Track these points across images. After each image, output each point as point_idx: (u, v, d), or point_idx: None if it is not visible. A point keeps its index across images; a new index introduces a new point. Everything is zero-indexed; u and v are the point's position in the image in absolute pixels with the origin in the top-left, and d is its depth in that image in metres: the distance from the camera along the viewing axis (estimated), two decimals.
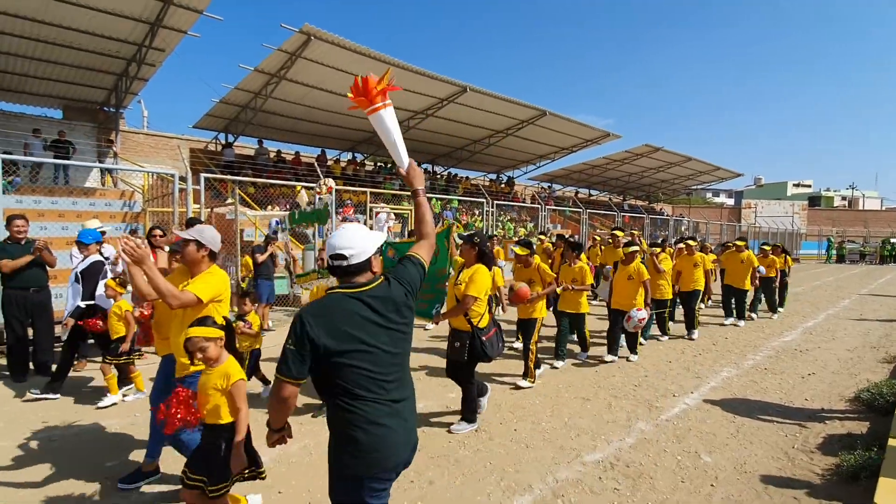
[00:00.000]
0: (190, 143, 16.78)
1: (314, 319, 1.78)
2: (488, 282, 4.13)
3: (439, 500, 3.12)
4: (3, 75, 12.52)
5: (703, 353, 6.99)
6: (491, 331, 4.11)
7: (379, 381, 1.86)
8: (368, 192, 11.03)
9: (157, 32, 10.77)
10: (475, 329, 3.99)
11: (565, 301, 6.20)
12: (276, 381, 1.81)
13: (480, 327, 4.02)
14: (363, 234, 1.98)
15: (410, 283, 2.05)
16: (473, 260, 4.20)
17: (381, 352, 1.87)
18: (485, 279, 4.08)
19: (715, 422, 4.47)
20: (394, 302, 1.94)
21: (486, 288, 4.08)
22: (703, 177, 30.65)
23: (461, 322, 4.08)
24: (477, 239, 4.23)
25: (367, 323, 1.86)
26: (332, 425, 1.90)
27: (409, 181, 2.34)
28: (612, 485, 3.35)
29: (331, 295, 1.90)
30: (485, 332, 4.03)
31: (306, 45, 11.43)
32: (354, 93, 2.38)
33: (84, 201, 11.48)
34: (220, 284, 2.86)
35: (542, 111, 17.22)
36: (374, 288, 1.92)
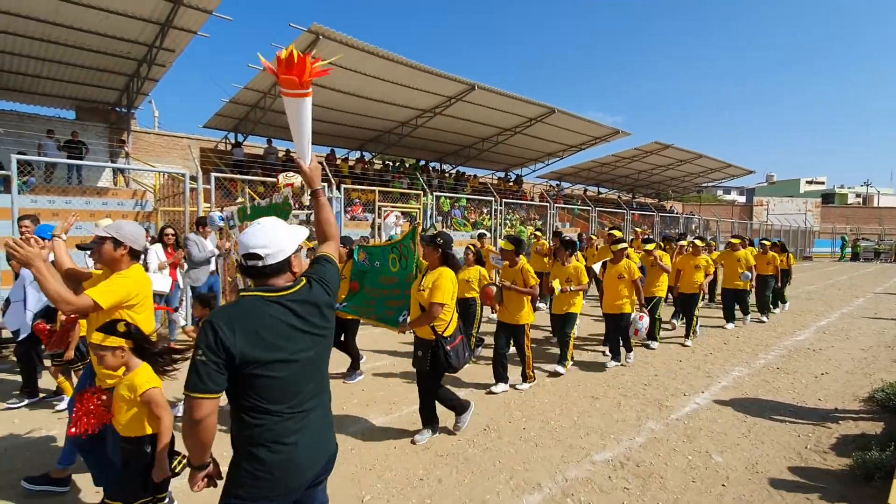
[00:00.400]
0: (200, 143, 16.92)
1: (228, 326, 1.58)
2: (454, 286, 3.83)
3: (448, 499, 3.13)
4: (17, 77, 12.69)
5: (714, 353, 6.93)
6: (456, 339, 3.81)
7: (294, 391, 1.71)
8: (377, 190, 11.04)
9: (167, 33, 10.86)
10: (439, 338, 3.70)
11: (557, 302, 5.94)
12: (187, 402, 1.56)
13: (445, 336, 3.73)
14: (282, 230, 1.78)
15: (330, 282, 1.90)
16: (437, 263, 3.86)
17: (303, 360, 1.72)
18: (450, 284, 3.77)
19: (726, 421, 4.43)
20: (316, 305, 1.79)
21: (452, 293, 3.79)
22: (714, 174, 30.34)
23: (425, 330, 3.79)
24: (440, 240, 3.87)
25: (291, 330, 1.70)
26: (234, 442, 1.72)
27: (309, 180, 2.18)
28: (622, 484, 3.34)
29: (244, 299, 1.69)
30: (449, 341, 3.74)
31: (315, 45, 11.45)
32: (283, 67, 2.09)
33: (97, 201, 11.60)
34: (131, 287, 2.54)
35: (551, 109, 17.14)
36: (297, 291, 1.75)
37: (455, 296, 3.86)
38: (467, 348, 3.91)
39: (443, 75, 13.87)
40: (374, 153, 20.08)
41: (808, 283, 16.71)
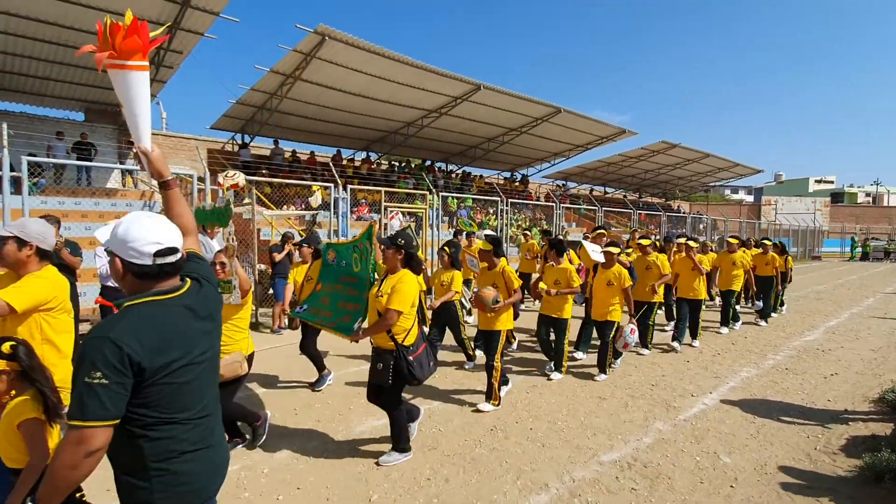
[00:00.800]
0: (207, 144, 17.01)
1: (134, 339, 1.40)
2: (414, 291, 3.49)
3: (455, 498, 3.13)
4: (27, 79, 12.81)
5: (722, 353, 6.89)
6: (419, 348, 3.51)
7: (199, 396, 1.60)
8: (383, 191, 11.05)
9: (174, 35, 10.93)
10: (400, 347, 3.39)
11: (546, 305, 5.62)
12: (78, 433, 1.34)
13: (406, 345, 3.42)
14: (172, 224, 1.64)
15: (212, 279, 1.79)
16: (398, 266, 3.57)
17: (205, 362, 1.63)
18: (411, 289, 3.45)
19: (734, 422, 4.41)
20: (207, 304, 1.69)
21: (413, 298, 3.47)
22: (721, 173, 30.16)
23: (384, 339, 3.45)
24: (401, 241, 3.56)
25: (192, 331, 1.59)
26: (132, 467, 1.50)
27: (157, 169, 1.93)
28: (630, 485, 3.33)
29: (139, 307, 1.50)
30: (412, 351, 3.45)
31: (321, 46, 11.49)
32: (100, 40, 1.76)
33: (106, 202, 11.73)
34: (48, 289, 2.39)
35: (557, 108, 17.10)
36: (187, 291, 1.63)
37: (416, 302, 3.53)
38: (432, 357, 3.62)
39: (448, 75, 13.88)
40: (380, 153, 20.11)
41: (818, 282, 16.58)
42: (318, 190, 13.02)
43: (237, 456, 3.62)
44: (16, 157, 7.18)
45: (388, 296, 3.43)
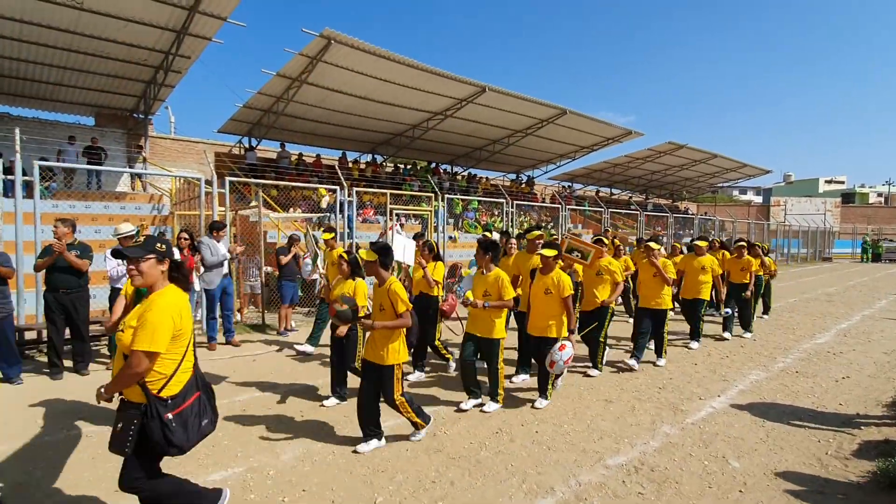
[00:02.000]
0: (215, 147, 17.14)
1: None
2: (179, 320, 2.40)
3: (460, 501, 3.11)
4: (39, 85, 12.99)
5: (731, 356, 6.83)
6: (186, 401, 2.43)
7: None
8: (388, 193, 11.07)
9: (182, 40, 11.04)
10: (153, 400, 2.34)
11: (473, 321, 4.75)
12: None
13: (163, 396, 2.37)
14: None
15: None
16: (159, 282, 2.51)
17: None
18: (168, 319, 2.35)
19: (743, 426, 4.36)
20: None
21: (176, 331, 2.37)
22: (729, 174, 29.95)
23: (133, 391, 2.38)
24: (160, 245, 2.54)
25: None
26: None
27: None
28: (637, 489, 3.29)
29: None
30: (171, 405, 2.37)
31: (327, 49, 11.55)
32: None
33: (115, 205, 11.87)
34: None
35: (563, 110, 17.07)
36: None
37: (182, 335, 2.43)
38: (206, 413, 2.54)
39: (454, 77, 13.90)
40: (386, 156, 20.16)
41: (828, 284, 16.40)
42: (326, 195, 13.07)
43: (243, 458, 3.63)
44: (28, 162, 7.27)
45: (135, 329, 2.33)
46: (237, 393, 5.11)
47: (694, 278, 7.27)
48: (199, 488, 2.69)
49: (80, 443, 3.90)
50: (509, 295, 4.60)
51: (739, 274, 8.24)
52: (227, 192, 8.17)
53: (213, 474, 3.41)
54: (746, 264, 8.22)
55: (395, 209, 10.79)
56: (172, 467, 3.47)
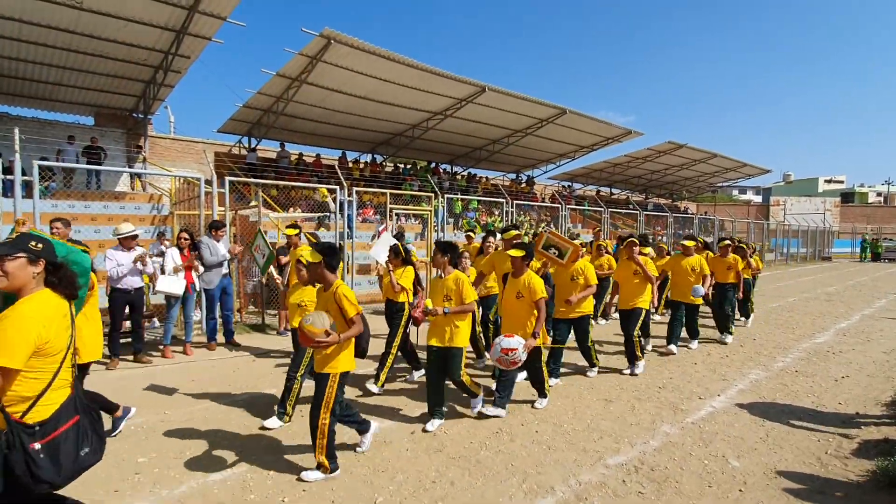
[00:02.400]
0: (215, 147, 17.13)
1: None
2: (31, 330, 1.97)
3: (460, 501, 3.12)
4: (39, 85, 12.98)
5: (730, 355, 6.83)
6: (59, 427, 2.06)
7: None
8: (388, 193, 11.07)
9: (182, 40, 11.03)
10: (14, 427, 1.96)
11: (432, 329, 4.36)
12: None
13: (28, 422, 2.00)
14: None
15: None
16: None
17: None
18: (23, 329, 1.95)
19: (743, 426, 4.36)
20: None
21: (31, 343, 1.95)
22: (729, 174, 29.95)
23: None
24: (36, 245, 2.17)
25: None
26: None
27: None
28: (637, 488, 3.30)
29: None
30: (39, 433, 2.01)
31: (326, 49, 11.55)
32: None
33: (115, 205, 11.86)
34: None
35: (562, 109, 17.07)
36: None
37: (58, 351, 2.07)
38: (88, 440, 2.15)
39: (454, 77, 13.90)
40: (386, 156, 20.16)
41: (828, 284, 16.40)
42: (327, 198, 13.05)
43: (243, 457, 3.63)
44: (27, 162, 7.26)
45: None
46: (238, 391, 5.12)
47: (683, 280, 6.98)
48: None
49: None
50: (470, 298, 4.26)
51: (725, 273, 7.83)
52: (226, 191, 8.16)
53: (213, 474, 3.41)
54: (732, 263, 7.87)
55: (395, 209, 10.78)
56: (175, 466, 3.48)
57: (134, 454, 3.69)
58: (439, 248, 4.39)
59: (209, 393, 5.09)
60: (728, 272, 7.83)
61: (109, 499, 3.11)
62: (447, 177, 20.84)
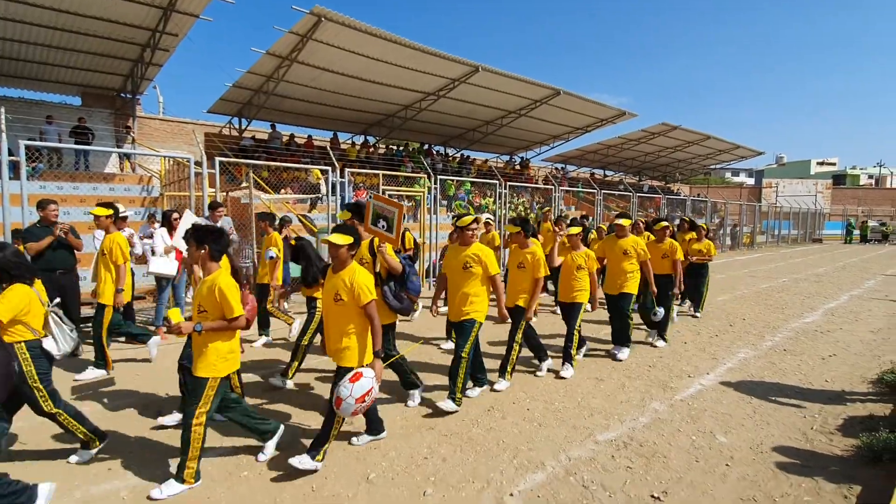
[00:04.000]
0: (205, 128, 16.87)
1: None
2: None
3: (453, 477, 3.16)
4: (24, 64, 12.66)
5: (720, 335, 6.91)
6: None
7: None
8: (381, 174, 10.98)
9: (170, 17, 10.77)
10: None
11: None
12: None
13: None
14: None
15: None
16: None
17: None
18: None
19: (731, 402, 4.43)
20: None
21: None
22: (722, 156, 29.96)
23: None
24: None
25: None
26: None
27: None
28: (625, 463, 3.35)
29: None
30: None
31: (317, 27, 11.32)
32: None
33: (104, 186, 11.71)
34: None
35: (556, 90, 16.93)
36: None
37: None
38: None
39: (447, 57, 13.71)
40: (378, 137, 19.96)
41: (817, 265, 16.56)
42: (319, 179, 12.93)
43: (236, 436, 3.64)
44: (13, 142, 7.11)
45: None
46: None
47: (616, 267, 5.79)
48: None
49: None
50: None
51: (660, 262, 6.32)
52: (217, 172, 8.05)
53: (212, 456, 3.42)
54: (669, 250, 6.36)
55: (388, 190, 10.71)
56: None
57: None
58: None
59: None
60: (663, 261, 6.35)
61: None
62: (440, 158, 20.70)
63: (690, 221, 8.76)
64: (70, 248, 5.58)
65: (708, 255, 7.93)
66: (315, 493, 2.97)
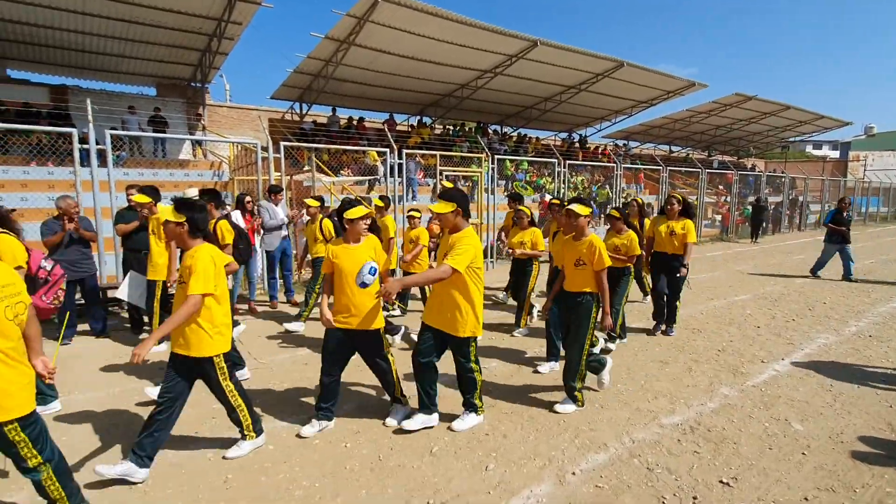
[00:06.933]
0: (269, 114, 17.52)
1: None
2: None
3: (514, 454, 3.21)
4: (103, 57, 13.60)
5: (798, 319, 6.51)
6: None
7: None
8: (438, 155, 11.01)
9: (234, 5, 11.18)
10: None
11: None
12: None
13: None
14: None
15: None
16: None
17: None
18: None
19: (809, 389, 4.19)
20: None
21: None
22: (803, 127, 27.63)
23: None
24: None
25: None
26: None
27: None
28: (692, 448, 3.27)
29: None
30: None
31: (374, 8, 11.38)
32: None
33: (179, 172, 12.49)
34: None
35: (620, 62, 16.17)
36: None
37: None
38: None
39: (504, 32, 13.40)
40: (434, 117, 19.95)
41: None
42: (377, 161, 13.16)
43: (306, 408, 3.85)
44: (99, 132, 7.72)
45: None
46: (296, 348, 5.40)
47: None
48: None
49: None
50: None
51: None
52: (282, 157, 8.39)
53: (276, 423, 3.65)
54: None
55: (445, 170, 10.73)
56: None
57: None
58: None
59: (284, 346, 5.41)
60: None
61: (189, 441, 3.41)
62: (497, 137, 20.43)
63: (683, 202, 5.72)
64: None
65: (627, 254, 5.08)
66: (381, 463, 3.11)
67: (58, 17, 11.14)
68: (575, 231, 3.96)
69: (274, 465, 3.08)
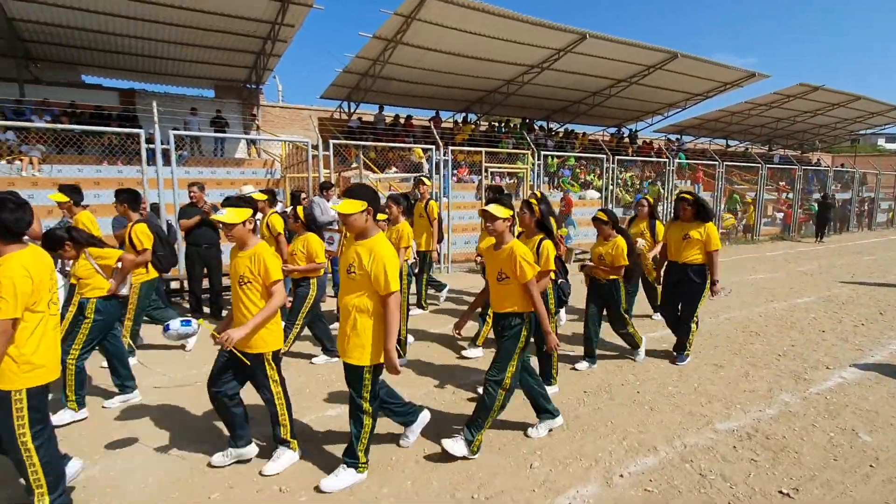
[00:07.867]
0: (318, 113, 18.01)
1: None
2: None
3: (560, 453, 3.17)
4: (165, 61, 14.37)
5: (868, 323, 6.09)
6: None
7: None
8: (483, 151, 10.97)
9: (287, 8, 11.53)
10: None
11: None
12: None
13: None
14: None
15: None
16: None
17: None
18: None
19: (879, 399, 3.93)
20: None
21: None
22: (874, 119, 25.67)
23: None
24: None
25: None
26: None
27: None
28: (749, 455, 3.13)
29: None
30: None
31: (421, 6, 11.46)
32: None
33: (236, 171, 13.05)
34: None
35: (673, 53, 15.55)
36: None
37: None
38: None
39: (551, 26, 13.18)
40: (480, 114, 19.88)
41: None
42: (422, 158, 13.27)
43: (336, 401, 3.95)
44: (163, 133, 8.18)
45: None
46: None
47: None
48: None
49: None
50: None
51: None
52: (331, 154, 8.61)
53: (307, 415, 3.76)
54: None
55: (490, 167, 10.70)
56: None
57: None
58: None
59: None
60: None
61: None
62: (543, 133, 20.14)
63: (695, 199, 4.77)
64: (213, 226, 6.32)
65: (612, 264, 4.46)
66: (426, 455, 3.15)
67: (128, 25, 11.85)
68: (495, 237, 3.18)
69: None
